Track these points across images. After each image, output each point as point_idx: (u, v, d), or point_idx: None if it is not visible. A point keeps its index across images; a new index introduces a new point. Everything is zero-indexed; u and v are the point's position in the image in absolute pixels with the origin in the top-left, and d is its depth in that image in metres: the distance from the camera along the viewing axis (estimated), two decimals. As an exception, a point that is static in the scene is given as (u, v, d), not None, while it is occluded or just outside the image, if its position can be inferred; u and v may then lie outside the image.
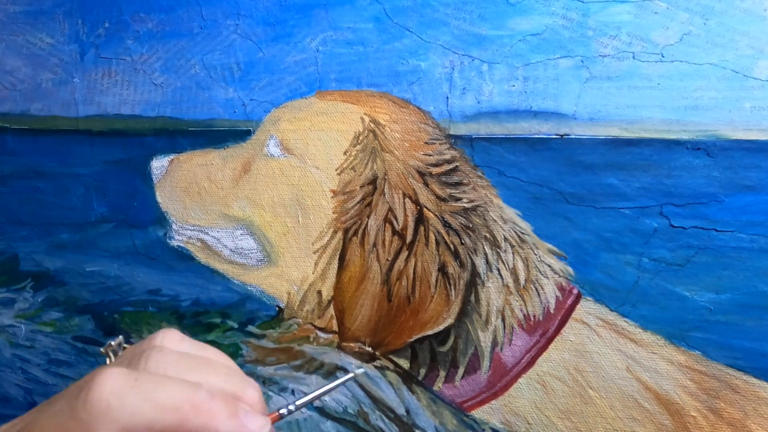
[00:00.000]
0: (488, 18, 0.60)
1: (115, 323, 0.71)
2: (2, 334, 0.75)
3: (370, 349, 0.59)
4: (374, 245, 0.58)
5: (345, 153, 0.61)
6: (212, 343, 0.62)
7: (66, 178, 0.71)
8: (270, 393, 0.59)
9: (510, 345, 0.56)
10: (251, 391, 0.31)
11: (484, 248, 0.57)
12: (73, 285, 0.72)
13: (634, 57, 0.56)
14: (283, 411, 0.32)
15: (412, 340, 0.57)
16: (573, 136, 0.57)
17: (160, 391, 0.27)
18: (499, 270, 0.57)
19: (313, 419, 0.57)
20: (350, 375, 0.40)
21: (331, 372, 0.59)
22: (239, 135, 0.65)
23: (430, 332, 0.56)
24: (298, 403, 0.33)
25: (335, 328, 0.60)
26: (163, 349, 0.30)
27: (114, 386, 0.26)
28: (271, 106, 0.65)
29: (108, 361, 0.35)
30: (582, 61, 0.57)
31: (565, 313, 0.56)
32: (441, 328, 0.56)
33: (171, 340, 0.31)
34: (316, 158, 0.61)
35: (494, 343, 0.57)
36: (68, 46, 0.72)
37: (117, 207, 0.71)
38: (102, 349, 0.36)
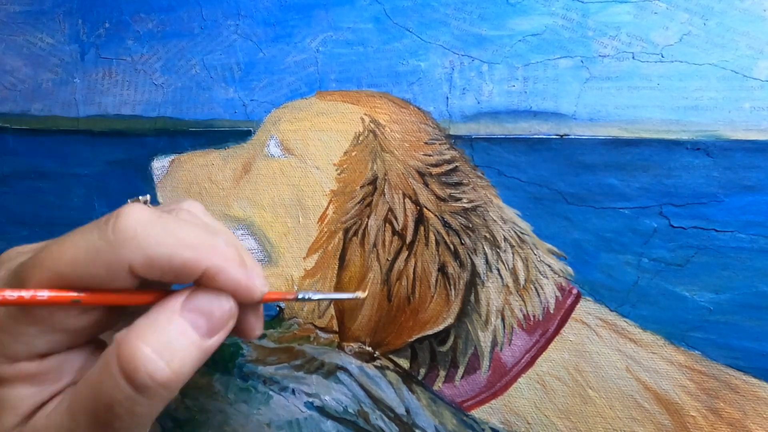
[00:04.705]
0: (488, 18, 0.60)
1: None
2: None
3: (370, 348, 0.59)
4: (374, 245, 0.58)
5: (345, 153, 0.61)
6: (213, 343, 0.62)
7: (67, 178, 0.71)
8: (271, 392, 0.59)
9: (510, 345, 0.56)
10: (254, 259, 0.35)
11: (484, 248, 0.57)
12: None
13: (634, 57, 0.56)
14: (301, 295, 0.36)
15: (412, 340, 0.57)
16: (573, 136, 0.57)
17: (183, 229, 0.30)
18: (498, 270, 0.57)
19: (313, 419, 0.57)
20: (356, 294, 0.45)
21: (331, 372, 0.59)
22: (240, 135, 0.65)
23: (430, 332, 0.57)
24: (314, 297, 0.38)
25: (335, 328, 0.60)
26: (191, 212, 0.33)
27: (141, 218, 0.29)
28: (272, 106, 0.65)
29: None
30: (582, 62, 0.57)
31: (565, 313, 0.56)
32: (441, 328, 0.56)
33: (196, 207, 0.34)
34: (316, 158, 0.61)
35: (494, 343, 0.57)
36: (68, 47, 0.72)
37: (118, 207, 0.70)
38: (130, 201, 0.39)
